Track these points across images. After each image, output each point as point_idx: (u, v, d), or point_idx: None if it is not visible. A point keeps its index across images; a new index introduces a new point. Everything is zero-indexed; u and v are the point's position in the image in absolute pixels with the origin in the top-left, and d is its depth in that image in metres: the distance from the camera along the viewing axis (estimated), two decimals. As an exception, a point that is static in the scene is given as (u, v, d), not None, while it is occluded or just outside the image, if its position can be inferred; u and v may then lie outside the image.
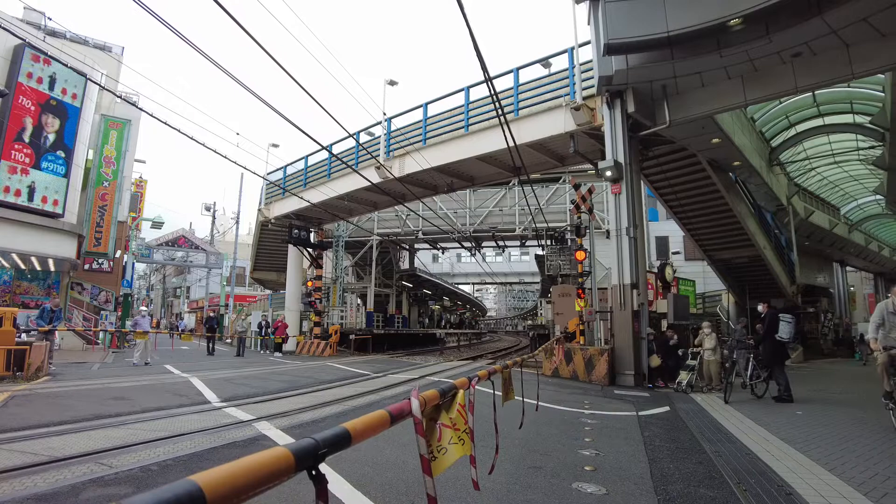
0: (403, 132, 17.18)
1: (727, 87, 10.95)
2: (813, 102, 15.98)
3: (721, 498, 3.58)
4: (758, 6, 8.41)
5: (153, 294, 58.73)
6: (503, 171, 16.64)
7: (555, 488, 3.76)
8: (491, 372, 3.77)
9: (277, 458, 1.06)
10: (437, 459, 2.12)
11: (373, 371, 13.02)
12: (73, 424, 5.47)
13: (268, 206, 23.62)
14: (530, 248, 33.13)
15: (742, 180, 17.51)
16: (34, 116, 15.00)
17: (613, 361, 11.06)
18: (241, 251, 34.63)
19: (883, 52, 9.29)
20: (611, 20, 9.84)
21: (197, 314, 45.51)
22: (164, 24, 6.32)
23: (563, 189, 24.84)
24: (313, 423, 5.96)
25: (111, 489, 3.47)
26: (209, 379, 10.23)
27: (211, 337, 19.22)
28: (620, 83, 11.26)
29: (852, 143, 18.62)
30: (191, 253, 31.95)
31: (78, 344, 18.34)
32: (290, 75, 7.59)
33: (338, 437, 1.33)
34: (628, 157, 11.52)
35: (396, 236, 29.70)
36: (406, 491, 3.62)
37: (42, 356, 9.84)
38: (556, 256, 21.72)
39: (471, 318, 72.74)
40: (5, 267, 17.97)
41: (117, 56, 24.00)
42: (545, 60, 13.78)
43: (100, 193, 19.61)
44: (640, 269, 11.28)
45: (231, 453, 4.50)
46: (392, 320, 31.26)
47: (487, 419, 3.95)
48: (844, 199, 25.75)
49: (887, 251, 32.43)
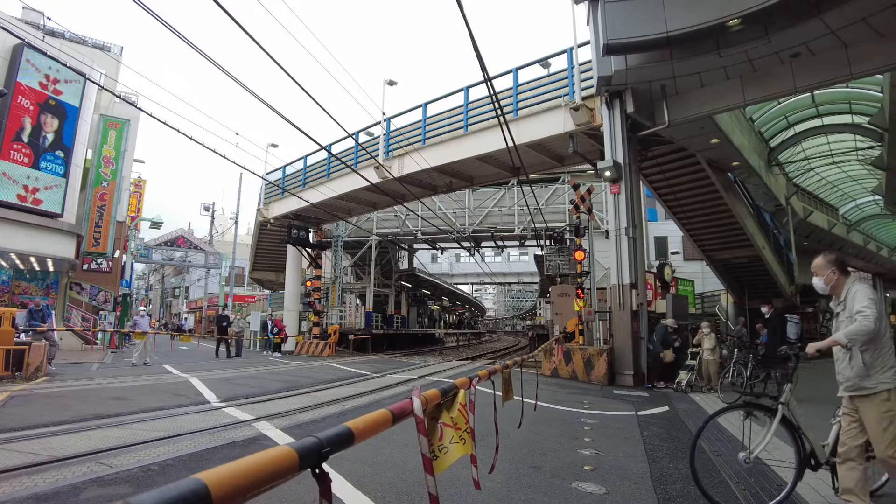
0: (403, 132, 17.18)
1: (726, 87, 10.97)
2: (812, 103, 16.01)
3: (721, 497, 3.59)
4: (757, 7, 8.43)
5: (152, 294, 58.67)
6: (502, 171, 16.66)
7: (555, 487, 3.76)
8: (491, 372, 3.78)
9: (281, 457, 1.07)
10: (438, 459, 2.13)
11: (372, 371, 13.02)
12: (73, 424, 5.46)
13: (267, 206, 23.60)
14: (529, 248, 33.16)
15: (741, 180, 17.54)
16: (33, 116, 14.97)
17: (612, 361, 11.07)
18: (240, 251, 34.59)
19: (881, 53, 9.31)
20: (610, 20, 9.84)
21: (196, 314, 45.47)
22: (164, 24, 6.32)
23: (563, 189, 24.86)
24: (313, 423, 5.96)
25: (112, 489, 3.47)
26: (208, 379, 10.22)
27: (222, 339, 17.84)
28: (620, 83, 11.27)
29: (851, 143, 18.66)
30: (190, 253, 31.89)
31: (77, 344, 18.31)
32: (289, 75, 7.59)
33: (341, 436, 1.33)
34: (627, 157, 11.53)
35: (395, 236, 29.70)
36: (406, 490, 3.62)
37: (41, 356, 9.83)
38: (556, 256, 21.72)
39: (470, 319, 72.75)
40: (4, 267, 17.93)
41: (116, 56, 23.96)
42: (544, 61, 13.79)
43: (98, 193, 19.57)
44: (639, 269, 11.29)
45: (231, 453, 4.50)
46: (391, 320, 31.26)
47: (487, 419, 3.95)
48: (843, 199, 25.80)
49: (886, 251, 32.49)
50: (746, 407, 3.55)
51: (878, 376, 2.97)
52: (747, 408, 3.54)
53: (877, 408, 2.95)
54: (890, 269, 33.91)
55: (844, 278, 3.22)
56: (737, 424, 6.32)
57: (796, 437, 3.40)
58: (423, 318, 45.82)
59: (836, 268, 3.24)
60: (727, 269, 20.63)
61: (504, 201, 26.62)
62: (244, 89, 7.87)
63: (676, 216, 18.05)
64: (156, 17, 6.19)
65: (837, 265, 3.24)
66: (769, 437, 3.40)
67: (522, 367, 6.51)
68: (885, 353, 2.99)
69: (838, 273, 3.24)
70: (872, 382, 2.97)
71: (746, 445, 3.41)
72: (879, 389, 2.95)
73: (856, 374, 3.04)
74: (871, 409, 2.97)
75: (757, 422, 3.51)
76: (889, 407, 2.93)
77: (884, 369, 2.97)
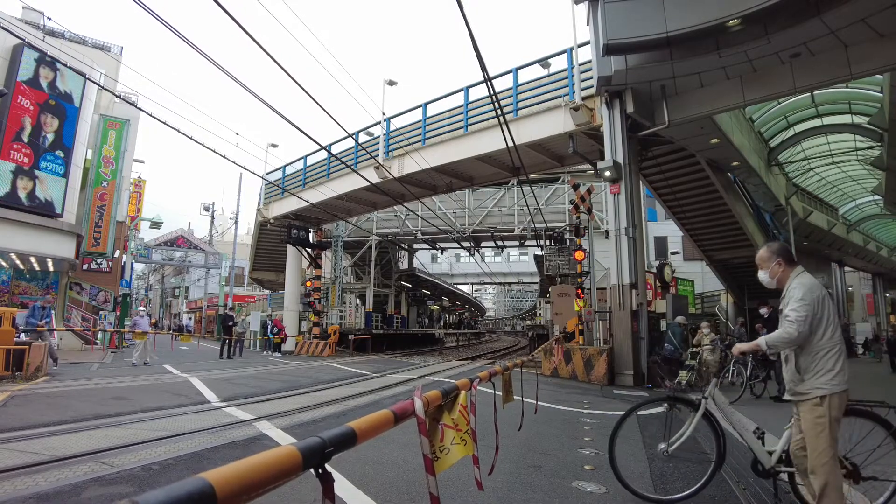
0: (402, 132, 17.19)
1: (726, 87, 10.98)
2: (811, 103, 16.02)
3: (720, 497, 3.60)
4: (756, 7, 8.44)
5: (152, 294, 58.66)
6: (502, 171, 16.66)
7: (555, 487, 3.77)
8: (492, 373, 3.79)
9: (286, 457, 1.08)
10: (439, 459, 2.13)
11: (372, 371, 13.03)
12: (74, 424, 5.47)
13: (267, 206, 23.61)
14: (529, 248, 33.17)
15: (741, 180, 17.55)
16: (33, 116, 14.97)
17: (612, 361, 11.08)
18: (240, 251, 34.60)
19: (881, 53, 9.33)
20: (610, 21, 9.85)
21: (196, 314, 45.45)
22: (165, 24, 6.33)
23: (562, 189, 24.87)
24: (313, 423, 5.97)
25: (113, 488, 3.47)
26: (208, 379, 10.23)
27: (227, 339, 17.43)
28: (619, 83, 11.28)
29: (850, 143, 18.67)
30: (189, 253, 31.89)
31: (76, 344, 18.31)
32: (289, 75, 7.60)
33: (344, 436, 1.34)
34: (627, 157, 11.54)
35: (395, 236, 29.70)
36: (407, 490, 3.63)
37: (41, 356, 9.83)
38: (555, 256, 21.73)
39: (469, 318, 72.78)
40: (4, 267, 17.93)
41: (116, 56, 23.95)
42: (544, 61, 13.80)
43: (98, 193, 19.57)
44: (638, 269, 11.30)
45: (232, 453, 4.51)
46: (391, 320, 31.25)
47: (488, 419, 3.96)
48: (843, 199, 25.81)
49: (885, 251, 32.51)
50: (669, 400, 3.57)
51: (811, 381, 2.73)
52: (670, 401, 3.56)
53: (809, 413, 2.73)
54: (890, 270, 33.93)
55: (790, 270, 2.95)
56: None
57: (717, 433, 3.40)
58: (422, 319, 45.84)
59: (781, 259, 2.98)
60: (727, 270, 20.66)
61: (504, 201, 26.62)
62: (244, 89, 7.88)
63: (676, 216, 18.07)
64: (156, 16, 6.20)
65: (782, 256, 2.98)
66: (689, 431, 3.41)
67: (522, 367, 6.52)
68: (822, 357, 2.72)
69: (783, 265, 2.97)
70: (806, 387, 2.75)
71: (667, 437, 3.47)
72: (812, 395, 2.72)
73: (790, 378, 2.85)
74: (805, 415, 2.76)
75: (680, 415, 3.55)
76: (820, 413, 2.68)
77: (819, 374, 2.71)
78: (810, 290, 2.77)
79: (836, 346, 2.73)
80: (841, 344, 2.74)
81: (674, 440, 3.45)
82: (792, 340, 2.73)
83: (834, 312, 2.79)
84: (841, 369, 2.70)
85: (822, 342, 2.73)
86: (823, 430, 2.66)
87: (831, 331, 2.74)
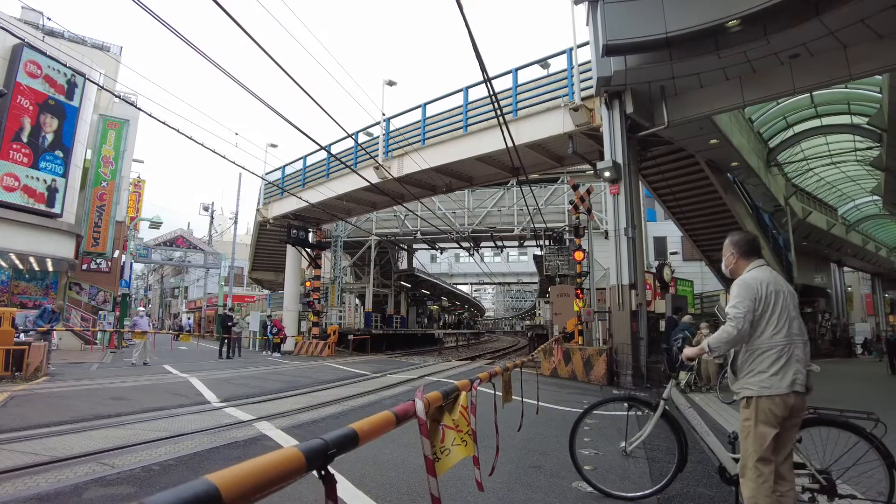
0: (402, 132, 17.19)
1: (725, 87, 10.99)
2: (811, 103, 16.05)
3: (720, 497, 3.61)
4: (756, 7, 8.45)
5: (151, 294, 58.64)
6: (502, 171, 16.67)
7: (555, 487, 3.78)
8: (492, 374, 3.80)
9: (289, 459, 1.08)
10: (440, 460, 2.14)
11: (371, 371, 13.03)
12: (74, 424, 5.47)
13: (266, 206, 23.61)
14: (528, 248, 33.17)
15: (740, 181, 17.57)
16: (32, 116, 14.97)
17: (612, 362, 11.09)
18: (240, 251, 34.58)
19: (880, 54, 9.34)
20: (609, 21, 9.86)
21: (195, 314, 45.42)
22: (164, 24, 6.33)
23: (562, 189, 24.90)
24: (313, 423, 5.97)
25: (114, 489, 3.48)
26: (208, 379, 10.23)
27: (227, 338, 17.35)
28: (619, 84, 11.28)
29: (850, 143, 18.70)
30: (189, 253, 31.88)
31: (76, 344, 18.31)
32: (288, 75, 7.60)
33: (346, 438, 1.35)
34: (627, 157, 11.55)
35: (395, 236, 29.71)
36: (408, 490, 3.64)
37: (41, 356, 9.83)
38: (555, 257, 21.74)
39: (469, 319, 72.78)
40: (3, 267, 17.92)
41: (115, 56, 23.94)
42: (544, 61, 13.81)
43: (98, 193, 19.57)
44: (638, 269, 11.31)
45: (233, 453, 4.51)
46: (390, 320, 31.26)
47: (488, 420, 3.97)
48: (842, 199, 25.86)
49: (884, 251, 32.56)
50: (629, 400, 3.58)
51: (742, 380, 2.56)
52: (630, 401, 3.57)
53: (741, 414, 2.57)
54: (889, 270, 33.97)
55: (746, 263, 2.72)
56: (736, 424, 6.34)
57: (679, 433, 3.35)
58: (422, 319, 45.86)
59: (734, 250, 2.76)
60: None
61: (503, 201, 26.64)
62: (244, 89, 7.88)
63: (675, 216, 18.08)
64: (156, 17, 6.20)
65: (737, 247, 2.76)
66: (647, 432, 3.40)
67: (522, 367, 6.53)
68: (757, 357, 2.52)
69: (737, 256, 2.76)
70: (737, 387, 2.60)
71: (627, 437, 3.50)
72: (740, 396, 2.57)
73: (731, 378, 2.69)
74: (740, 415, 2.60)
75: (641, 416, 3.55)
76: (747, 416, 2.52)
77: (751, 374, 2.52)
78: (748, 286, 2.57)
79: (775, 347, 2.49)
80: (787, 346, 2.49)
81: (633, 440, 3.45)
82: (732, 339, 2.55)
83: (785, 312, 2.55)
84: (777, 372, 2.45)
85: (760, 341, 2.53)
86: (749, 433, 2.49)
87: (772, 330, 2.51)
